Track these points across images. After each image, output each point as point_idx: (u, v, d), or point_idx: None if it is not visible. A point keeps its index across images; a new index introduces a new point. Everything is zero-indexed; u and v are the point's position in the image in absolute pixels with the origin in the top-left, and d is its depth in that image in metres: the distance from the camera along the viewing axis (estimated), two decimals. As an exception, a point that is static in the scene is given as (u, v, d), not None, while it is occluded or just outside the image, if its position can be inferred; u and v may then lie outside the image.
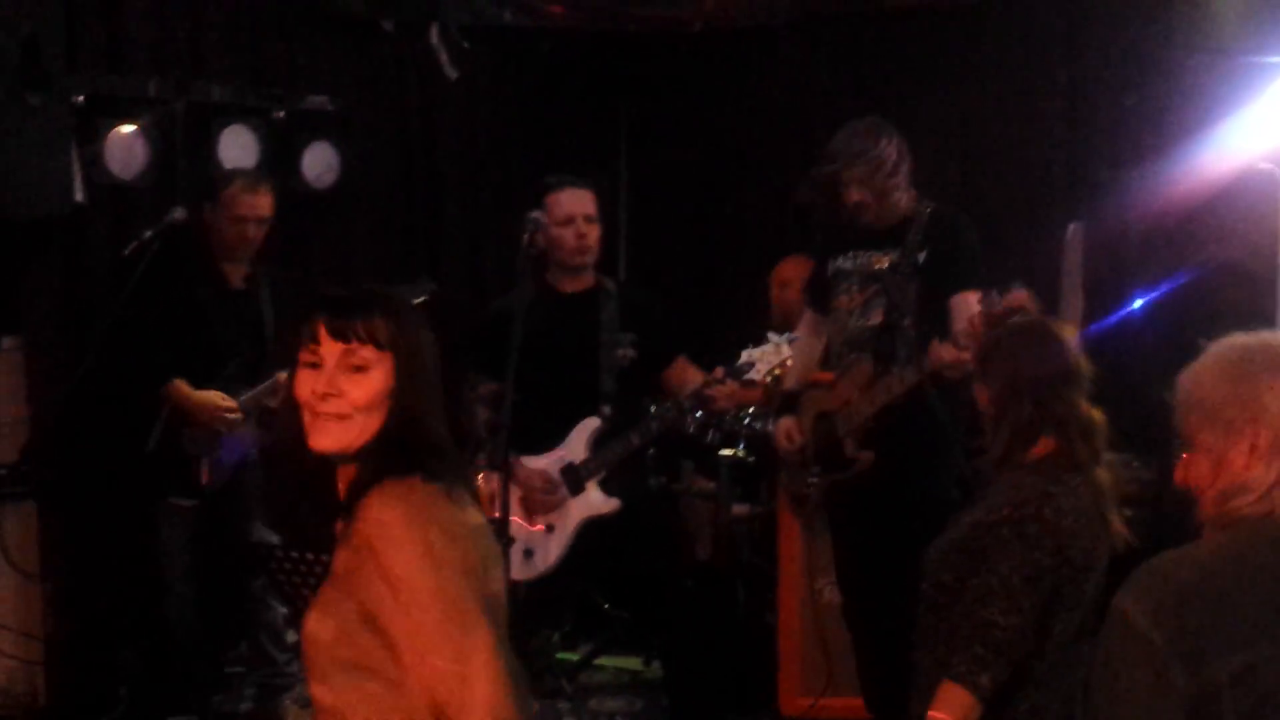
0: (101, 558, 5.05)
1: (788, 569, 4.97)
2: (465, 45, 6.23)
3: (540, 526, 4.45)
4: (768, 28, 6.39)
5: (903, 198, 4.39)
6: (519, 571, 4.38)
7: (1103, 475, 3.06)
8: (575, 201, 4.51)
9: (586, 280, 4.60)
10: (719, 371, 4.31)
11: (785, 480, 4.74)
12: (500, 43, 6.41)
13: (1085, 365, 3.11)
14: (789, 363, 4.29)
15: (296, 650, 5.18)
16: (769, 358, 4.22)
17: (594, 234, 4.55)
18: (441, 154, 6.36)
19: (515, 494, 4.42)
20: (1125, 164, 5.27)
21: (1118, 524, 3.04)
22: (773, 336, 4.27)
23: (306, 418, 2.10)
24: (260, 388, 4.84)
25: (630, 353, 4.51)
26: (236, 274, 5.02)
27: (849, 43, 6.32)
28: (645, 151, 6.98)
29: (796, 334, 4.44)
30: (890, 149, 4.34)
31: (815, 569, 4.83)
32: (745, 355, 4.24)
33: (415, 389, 2.11)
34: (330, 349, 2.09)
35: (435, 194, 6.35)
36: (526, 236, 4.13)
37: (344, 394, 2.08)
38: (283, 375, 4.69)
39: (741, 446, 5.29)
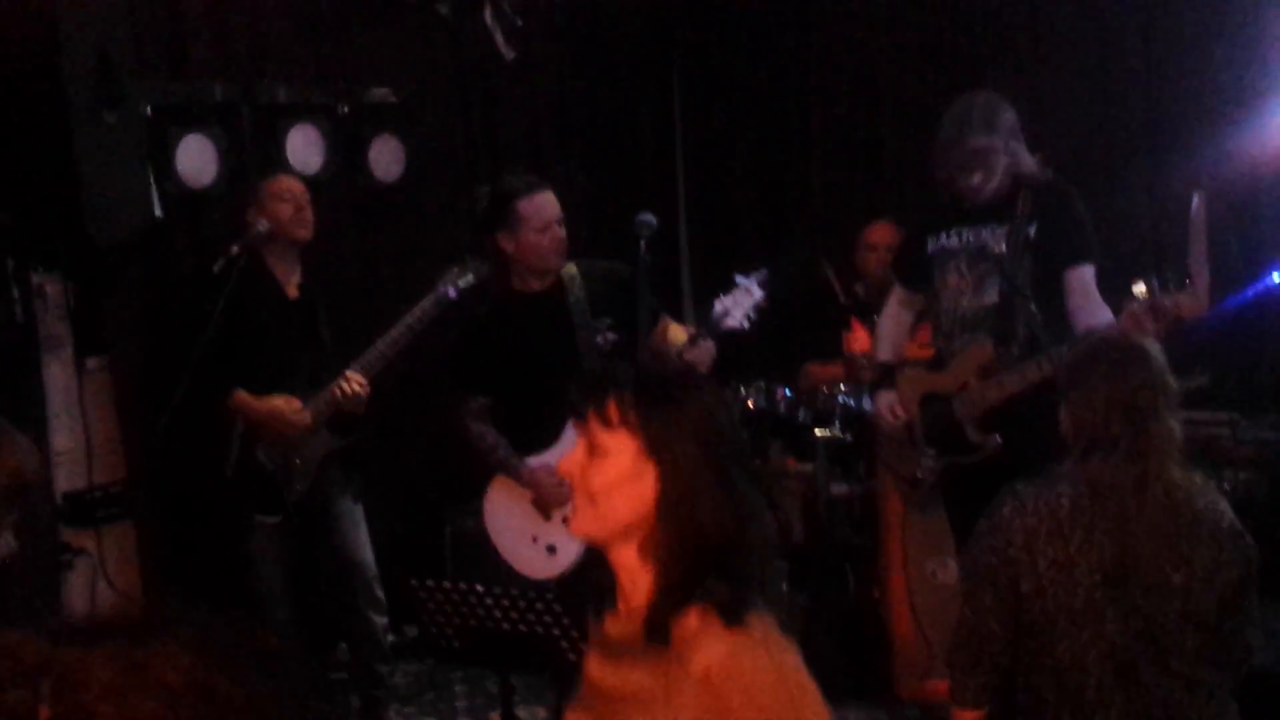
0: (200, 577, 4.98)
1: (893, 549, 4.91)
2: (518, 23, 6.11)
3: (558, 521, 4.37)
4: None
5: (1015, 170, 4.21)
6: (547, 569, 4.35)
7: (1161, 493, 2.92)
8: (551, 205, 4.35)
9: (552, 275, 4.48)
10: (692, 331, 4.26)
11: (892, 460, 4.64)
12: (553, 16, 6.28)
13: (1171, 382, 2.99)
14: (761, 302, 4.18)
15: (397, 661, 5.20)
16: (741, 302, 4.16)
17: (563, 233, 4.41)
18: (502, 136, 6.25)
19: (527, 497, 4.44)
20: (1239, 129, 5.14)
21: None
22: (740, 280, 4.20)
23: None
24: (323, 394, 4.69)
25: (611, 335, 4.41)
26: (291, 283, 4.87)
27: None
28: (702, 112, 6.88)
29: (760, 275, 4.25)
30: (1010, 124, 4.17)
31: (926, 549, 4.77)
32: (718, 305, 4.17)
33: (676, 485, 1.92)
34: (578, 429, 2.00)
35: (498, 178, 6.22)
36: (643, 243, 4.07)
37: (580, 477, 1.98)
38: (350, 377, 4.61)
39: (836, 425, 5.21)
